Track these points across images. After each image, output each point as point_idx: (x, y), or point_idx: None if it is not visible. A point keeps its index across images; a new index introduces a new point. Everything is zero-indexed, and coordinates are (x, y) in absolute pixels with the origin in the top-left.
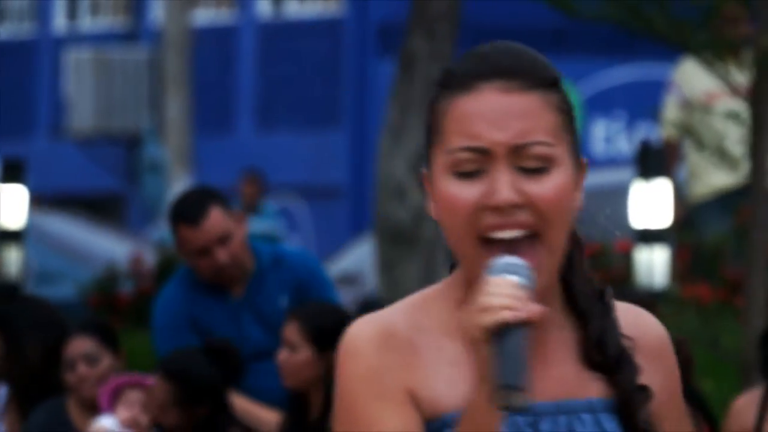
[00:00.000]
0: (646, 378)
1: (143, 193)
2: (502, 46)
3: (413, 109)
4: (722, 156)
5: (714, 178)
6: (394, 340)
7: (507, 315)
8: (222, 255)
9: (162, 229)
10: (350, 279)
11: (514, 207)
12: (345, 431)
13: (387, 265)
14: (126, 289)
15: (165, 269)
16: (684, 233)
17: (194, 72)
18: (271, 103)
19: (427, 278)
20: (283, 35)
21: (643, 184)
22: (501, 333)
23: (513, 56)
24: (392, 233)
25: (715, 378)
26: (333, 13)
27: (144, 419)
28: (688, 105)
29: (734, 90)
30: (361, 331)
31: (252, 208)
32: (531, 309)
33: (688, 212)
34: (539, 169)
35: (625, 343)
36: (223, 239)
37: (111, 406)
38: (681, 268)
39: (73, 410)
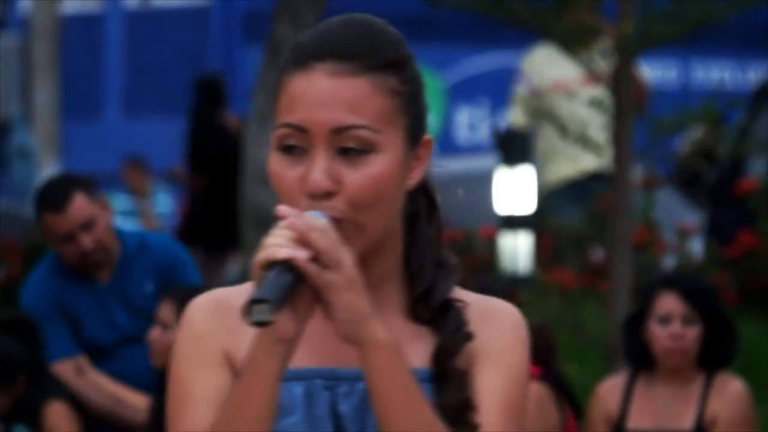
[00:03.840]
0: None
1: (12, 179)
2: (346, 23)
3: None
4: (585, 143)
5: (562, 168)
6: (224, 309)
7: (277, 252)
8: (86, 241)
9: (30, 214)
10: None
11: (327, 194)
12: (171, 393)
13: (253, 248)
14: None
15: (33, 254)
16: (537, 219)
17: (63, 60)
18: (138, 91)
19: None
20: (151, 24)
21: (506, 170)
22: (271, 269)
23: (351, 36)
24: (258, 218)
25: (579, 362)
26: (199, 1)
27: None
28: (536, 94)
29: (595, 77)
30: (196, 301)
31: (143, 192)
32: (298, 253)
33: (539, 199)
34: (359, 153)
35: (457, 304)
36: (87, 225)
37: None
38: (544, 253)
39: None
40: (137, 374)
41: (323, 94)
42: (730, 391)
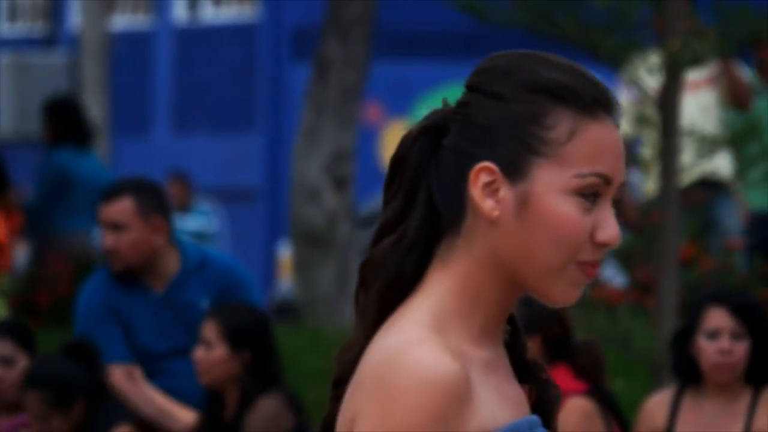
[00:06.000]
0: None
1: None
2: (586, 70)
3: (328, 113)
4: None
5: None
6: (466, 383)
7: None
8: (108, 239)
9: (79, 232)
10: None
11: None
12: None
13: (301, 266)
14: (44, 290)
15: (82, 272)
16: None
17: (112, 76)
18: (187, 107)
19: (340, 279)
20: (199, 40)
21: None
22: None
23: (607, 87)
24: (307, 235)
25: (626, 378)
26: (248, 18)
27: None
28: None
29: (643, 94)
30: (443, 371)
31: (184, 208)
32: None
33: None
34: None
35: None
36: (115, 227)
37: None
38: None
39: None
40: (186, 389)
41: (620, 147)
42: None
